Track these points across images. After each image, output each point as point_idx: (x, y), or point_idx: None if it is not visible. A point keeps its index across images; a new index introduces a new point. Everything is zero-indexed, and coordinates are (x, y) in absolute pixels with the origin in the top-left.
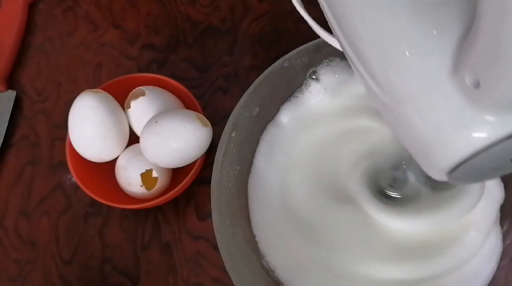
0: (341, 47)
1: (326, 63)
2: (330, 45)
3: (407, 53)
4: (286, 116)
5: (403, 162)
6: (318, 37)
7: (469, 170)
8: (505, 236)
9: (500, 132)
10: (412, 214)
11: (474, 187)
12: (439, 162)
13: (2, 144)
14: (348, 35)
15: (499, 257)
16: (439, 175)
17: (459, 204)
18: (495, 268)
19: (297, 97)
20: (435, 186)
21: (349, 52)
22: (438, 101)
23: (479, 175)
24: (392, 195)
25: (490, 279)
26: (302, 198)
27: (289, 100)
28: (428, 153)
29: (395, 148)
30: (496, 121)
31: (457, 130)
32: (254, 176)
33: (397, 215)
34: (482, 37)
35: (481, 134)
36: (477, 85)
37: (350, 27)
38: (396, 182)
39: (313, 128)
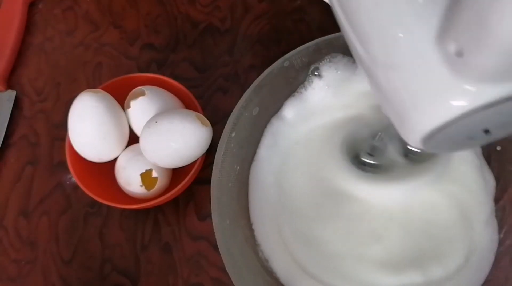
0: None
1: (328, 60)
2: (330, 45)
3: (394, 21)
4: (290, 111)
5: (380, 133)
6: (318, 37)
7: (444, 138)
8: (505, 236)
9: (477, 101)
10: (383, 181)
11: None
12: (415, 127)
13: (2, 144)
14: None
15: (496, 249)
16: (415, 142)
17: (430, 172)
18: (493, 260)
19: (301, 92)
20: (412, 157)
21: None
22: (420, 69)
23: (453, 144)
24: (367, 161)
25: (489, 270)
26: (299, 190)
27: (293, 95)
28: (406, 118)
29: (375, 117)
30: (474, 90)
31: (436, 97)
32: (256, 164)
33: (367, 180)
34: (467, 6)
35: (458, 103)
36: (460, 53)
37: None
38: (374, 150)
39: (314, 121)
